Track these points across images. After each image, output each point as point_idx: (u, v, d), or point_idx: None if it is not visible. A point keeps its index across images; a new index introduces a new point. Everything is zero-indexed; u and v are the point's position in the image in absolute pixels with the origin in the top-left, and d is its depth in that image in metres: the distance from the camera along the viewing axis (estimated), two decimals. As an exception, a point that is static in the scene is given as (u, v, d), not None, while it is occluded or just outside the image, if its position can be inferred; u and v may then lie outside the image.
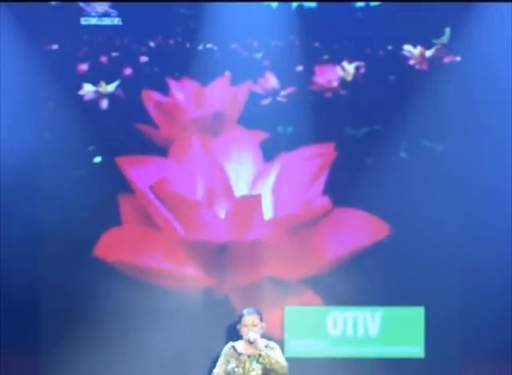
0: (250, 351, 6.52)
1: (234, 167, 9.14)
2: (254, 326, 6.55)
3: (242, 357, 6.54)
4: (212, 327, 8.47)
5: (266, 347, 6.50)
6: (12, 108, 8.83)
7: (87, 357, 8.93)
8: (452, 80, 8.97)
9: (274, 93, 9.13)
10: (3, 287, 8.78)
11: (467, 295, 8.90)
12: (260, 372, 6.51)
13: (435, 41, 9.00)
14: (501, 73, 8.79)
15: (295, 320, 9.05)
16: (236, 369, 6.50)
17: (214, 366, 6.77)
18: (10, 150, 8.76)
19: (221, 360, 6.60)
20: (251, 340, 6.46)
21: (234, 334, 6.92)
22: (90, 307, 8.96)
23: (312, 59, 9.14)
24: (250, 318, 6.60)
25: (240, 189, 9.12)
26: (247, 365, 6.53)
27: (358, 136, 9.11)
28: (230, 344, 6.65)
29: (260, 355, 6.47)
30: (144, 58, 9.08)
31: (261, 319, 6.66)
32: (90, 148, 9.05)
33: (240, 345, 6.60)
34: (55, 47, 9.01)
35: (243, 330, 6.60)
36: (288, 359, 7.18)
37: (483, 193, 8.82)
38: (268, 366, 6.45)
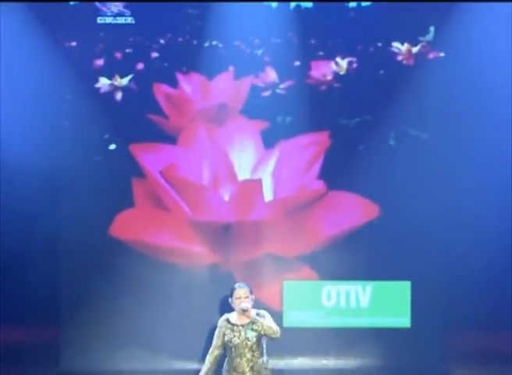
0: (244, 320, 6.66)
1: (237, 154, 9.41)
2: (246, 297, 6.68)
3: (236, 327, 6.68)
4: (217, 299, 8.39)
5: (257, 315, 6.67)
6: (33, 99, 8.96)
7: (103, 327, 9.18)
8: (436, 74, 9.20)
9: (273, 86, 9.37)
10: (26, 264, 8.95)
11: (450, 271, 9.12)
12: (254, 339, 6.65)
13: (421, 39, 9.23)
14: (481, 67, 8.98)
15: (293, 293, 9.32)
16: (233, 340, 6.64)
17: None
18: (32, 138, 8.93)
19: (217, 333, 6.74)
20: (244, 308, 6.57)
21: (227, 309, 7.04)
22: (107, 281, 9.17)
23: (308, 55, 9.36)
24: (242, 290, 6.73)
25: (243, 174, 9.39)
26: (242, 334, 6.65)
27: (351, 125, 9.33)
28: (225, 316, 6.78)
29: (254, 322, 6.57)
30: (154, 54, 9.31)
31: (251, 292, 6.82)
32: (106, 136, 9.27)
33: (233, 317, 6.72)
34: (74, 44, 9.23)
35: (236, 302, 6.70)
36: (286, 329, 7.68)
37: (465, 176, 9.04)
38: (262, 332, 6.58)
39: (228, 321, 6.68)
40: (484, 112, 8.96)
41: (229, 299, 6.74)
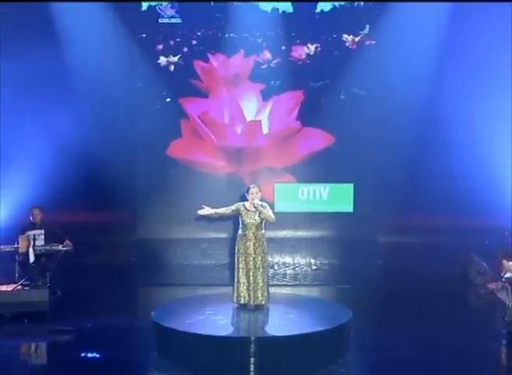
0: (252, 208, 8.12)
1: (245, 104, 11.69)
2: (257, 193, 7.98)
3: (249, 212, 8.07)
4: (233, 195, 9.58)
5: (262, 206, 8.00)
6: (118, 70, 11.33)
7: (162, 210, 11.57)
8: (370, 54, 11.45)
9: (268, 62, 11.53)
10: (117, 171, 11.22)
11: (379, 177, 11.43)
12: (259, 221, 8.15)
13: (361, 32, 11.51)
14: (400, 49, 11.26)
15: (280, 191, 11.69)
16: (246, 219, 8.14)
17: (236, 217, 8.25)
18: (118, 93, 11.39)
19: (234, 206, 8.09)
20: (255, 204, 8.17)
21: (244, 199, 8.33)
22: (164, 182, 11.60)
23: (290, 42, 11.52)
24: (254, 189, 8.01)
25: (249, 116, 11.74)
26: (252, 216, 8.11)
27: (317, 86, 11.56)
28: (241, 203, 8.14)
29: (260, 212, 8.20)
30: (194, 42, 11.56)
31: (260, 191, 8.08)
32: (164, 93, 11.63)
33: (247, 204, 8.11)
34: (144, 35, 11.54)
35: (250, 197, 7.99)
36: (276, 213, 8.59)
37: (389, 116, 11.32)
38: (264, 219, 8.32)
39: (244, 206, 8.08)
40: (402, 78, 11.16)
41: (246, 194, 8.07)
